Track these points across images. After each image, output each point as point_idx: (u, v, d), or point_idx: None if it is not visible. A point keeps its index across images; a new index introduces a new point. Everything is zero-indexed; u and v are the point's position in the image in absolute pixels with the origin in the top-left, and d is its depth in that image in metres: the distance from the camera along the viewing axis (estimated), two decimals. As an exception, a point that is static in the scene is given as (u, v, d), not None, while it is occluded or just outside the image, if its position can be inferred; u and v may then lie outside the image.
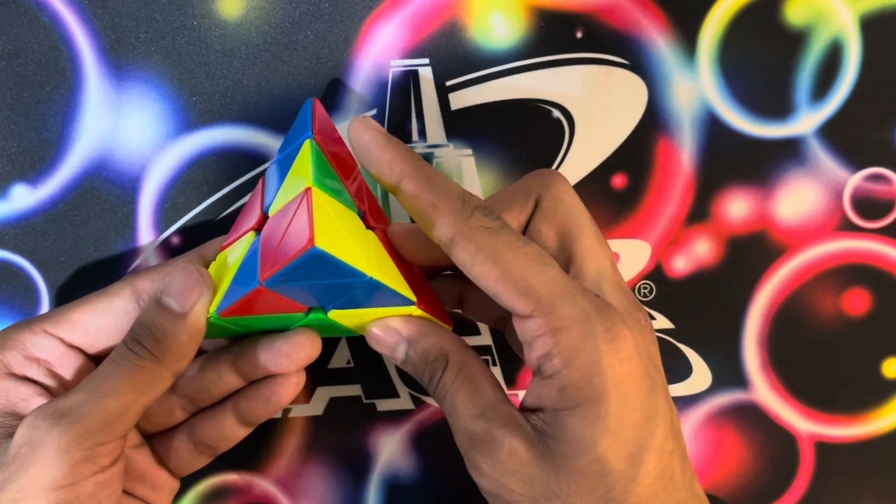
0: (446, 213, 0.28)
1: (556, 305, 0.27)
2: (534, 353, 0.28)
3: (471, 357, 0.30)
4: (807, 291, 0.40)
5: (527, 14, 0.37)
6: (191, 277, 0.29)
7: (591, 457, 0.27)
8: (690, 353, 0.40)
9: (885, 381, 0.41)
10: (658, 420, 0.28)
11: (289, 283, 0.27)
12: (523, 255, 0.28)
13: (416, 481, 0.40)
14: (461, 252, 0.28)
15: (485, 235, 0.28)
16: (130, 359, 0.28)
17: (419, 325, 0.30)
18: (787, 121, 0.39)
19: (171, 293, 0.29)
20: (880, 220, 0.40)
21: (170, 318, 0.29)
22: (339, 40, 0.36)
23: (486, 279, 0.28)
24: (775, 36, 0.38)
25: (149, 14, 0.35)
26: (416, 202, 0.28)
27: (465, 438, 0.29)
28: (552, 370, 0.27)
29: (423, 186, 0.28)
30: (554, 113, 0.38)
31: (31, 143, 0.36)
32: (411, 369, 0.31)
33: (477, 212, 0.28)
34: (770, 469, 0.41)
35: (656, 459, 0.28)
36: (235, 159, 0.37)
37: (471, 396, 0.29)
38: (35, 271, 0.37)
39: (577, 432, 0.27)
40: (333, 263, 0.27)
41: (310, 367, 0.39)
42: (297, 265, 0.26)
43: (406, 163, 0.28)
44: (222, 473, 0.39)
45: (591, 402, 0.27)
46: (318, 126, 0.31)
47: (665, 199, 0.39)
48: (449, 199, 0.28)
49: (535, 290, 0.27)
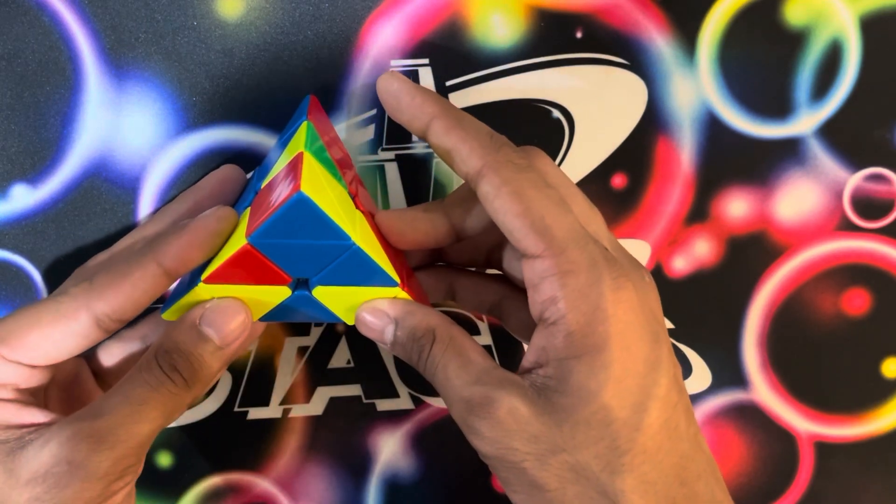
0: (476, 147, 0.29)
1: (567, 248, 0.27)
2: (539, 295, 0.28)
3: (458, 330, 0.30)
4: (807, 291, 0.40)
5: (527, 14, 0.37)
6: (237, 317, 0.29)
7: (596, 405, 0.27)
8: (690, 353, 0.40)
9: (885, 381, 0.41)
10: (662, 371, 0.28)
11: (273, 240, 0.28)
12: (545, 196, 0.28)
13: (416, 481, 0.40)
14: (486, 185, 0.28)
15: (511, 170, 0.28)
16: (167, 385, 0.29)
17: (404, 305, 0.30)
18: (787, 121, 0.39)
19: (213, 325, 0.29)
20: (880, 220, 0.40)
21: (208, 351, 0.29)
22: (339, 40, 0.36)
23: (505, 213, 0.28)
24: (775, 36, 0.38)
25: (149, 14, 0.35)
26: (446, 139, 0.29)
27: (461, 406, 0.29)
28: (556, 315, 0.28)
29: (454, 124, 0.29)
30: (554, 113, 0.38)
31: (31, 143, 0.36)
32: (400, 350, 0.31)
33: (505, 147, 0.29)
34: (770, 469, 0.41)
35: (660, 409, 0.28)
36: (235, 159, 0.37)
37: (463, 366, 0.29)
38: (35, 271, 0.37)
39: (581, 381, 0.27)
40: (318, 216, 0.27)
41: (310, 367, 0.39)
42: (283, 213, 0.27)
43: (436, 105, 0.29)
44: (222, 473, 0.39)
45: (597, 349, 0.27)
46: (314, 116, 0.32)
47: (665, 199, 0.39)
48: (478, 135, 0.29)
49: (551, 231, 0.27)
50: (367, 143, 0.37)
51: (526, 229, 0.28)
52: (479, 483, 0.40)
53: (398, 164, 0.38)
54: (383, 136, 0.37)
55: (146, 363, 0.29)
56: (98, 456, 0.27)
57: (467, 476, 0.40)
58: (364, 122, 0.37)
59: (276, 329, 0.39)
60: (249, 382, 0.39)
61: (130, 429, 0.28)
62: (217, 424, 0.39)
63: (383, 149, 0.37)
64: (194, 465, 0.39)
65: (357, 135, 0.37)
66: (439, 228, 0.32)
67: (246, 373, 0.39)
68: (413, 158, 0.38)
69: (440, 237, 0.32)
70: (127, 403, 0.28)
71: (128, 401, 0.28)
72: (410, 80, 0.30)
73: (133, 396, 0.28)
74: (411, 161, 0.38)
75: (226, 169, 0.34)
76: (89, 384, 0.33)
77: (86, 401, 0.33)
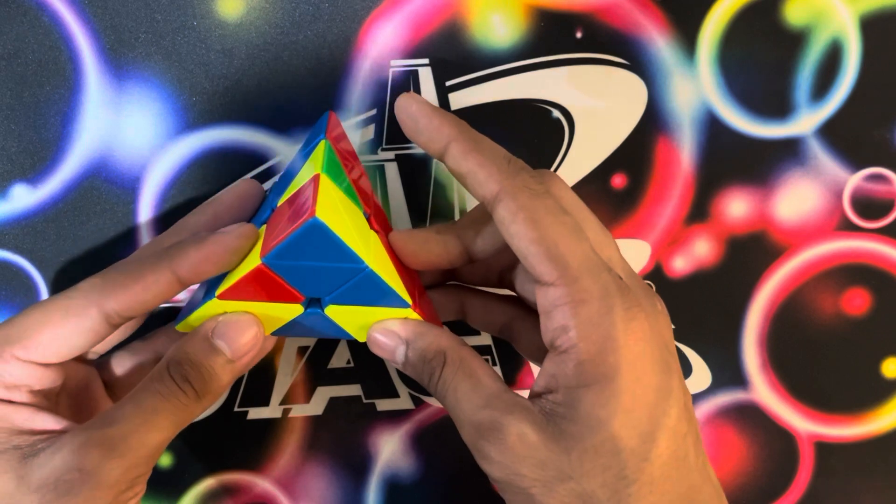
0: (493, 171, 0.29)
1: (581, 277, 0.28)
2: (551, 323, 0.28)
3: (468, 353, 0.30)
4: (807, 291, 0.40)
5: (527, 14, 0.37)
6: (250, 331, 0.30)
7: (605, 435, 0.27)
8: (690, 353, 0.40)
9: (885, 381, 0.41)
10: (672, 401, 0.28)
11: (288, 262, 0.28)
12: (560, 223, 0.28)
13: (416, 481, 0.40)
14: (503, 209, 0.28)
15: (528, 196, 0.28)
16: (178, 396, 0.29)
17: (415, 326, 0.31)
18: (787, 121, 0.39)
19: (225, 338, 0.29)
20: (880, 220, 0.40)
21: (220, 363, 0.29)
22: (339, 40, 0.36)
23: (521, 239, 0.28)
24: (775, 36, 0.38)
25: (149, 14, 0.35)
26: (463, 162, 0.29)
27: (471, 430, 0.29)
28: (568, 344, 0.28)
29: (471, 147, 0.29)
30: (554, 113, 0.38)
31: (31, 143, 0.36)
32: (411, 371, 0.31)
33: (522, 172, 0.29)
34: (770, 469, 0.41)
35: (669, 440, 0.28)
36: (235, 159, 0.37)
37: (473, 389, 0.29)
38: (35, 271, 0.37)
39: (590, 410, 0.27)
40: (332, 241, 0.27)
41: (310, 366, 0.39)
42: (297, 237, 0.27)
43: (453, 127, 0.29)
44: (222, 473, 0.39)
45: (607, 379, 0.27)
46: (332, 134, 0.32)
47: (665, 199, 0.39)
48: (495, 159, 0.29)
49: (565, 258, 0.28)
50: (368, 143, 0.37)
51: (541, 256, 0.28)
52: (478, 483, 0.40)
53: (398, 164, 0.38)
54: (383, 136, 0.37)
55: (158, 373, 0.29)
56: (109, 464, 0.27)
57: (467, 476, 0.40)
58: (364, 122, 0.37)
59: (276, 329, 0.39)
60: (249, 382, 0.39)
61: (142, 438, 0.28)
62: (217, 424, 0.39)
63: (383, 149, 0.37)
64: (194, 465, 0.39)
65: (357, 135, 0.37)
66: (452, 251, 0.32)
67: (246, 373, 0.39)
68: (413, 158, 0.38)
69: (452, 259, 0.32)
70: (139, 412, 0.28)
71: (139, 410, 0.28)
72: (429, 102, 0.30)
73: (145, 406, 0.28)
74: (411, 161, 0.38)
75: (244, 184, 0.34)
76: (99, 394, 0.33)
77: (96, 410, 0.33)
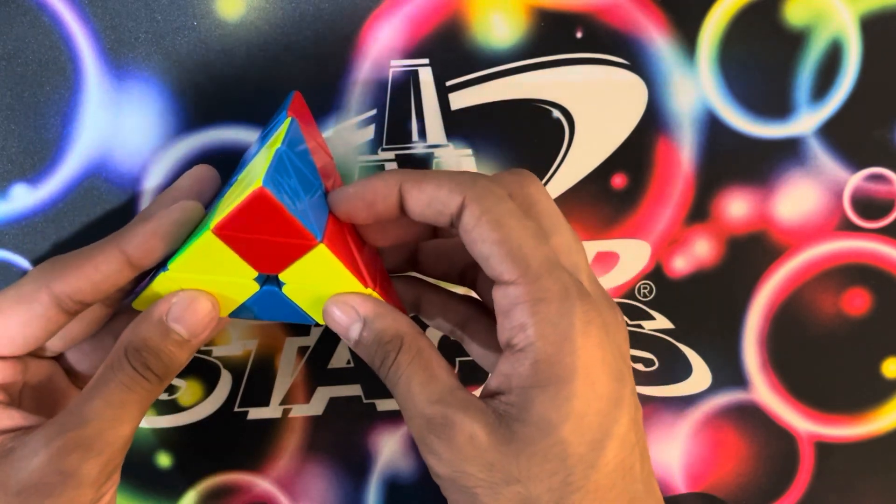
0: (453, 186, 0.28)
1: (542, 276, 0.27)
2: (509, 321, 0.28)
3: (426, 343, 0.30)
4: (807, 291, 0.40)
5: (527, 14, 0.37)
6: (204, 308, 0.29)
7: (555, 439, 0.27)
8: (690, 353, 0.40)
9: (885, 381, 0.41)
10: (623, 410, 0.28)
11: (239, 234, 0.27)
12: (523, 227, 0.28)
13: (416, 481, 0.40)
14: (468, 216, 0.28)
15: (492, 200, 0.28)
16: (142, 384, 0.29)
17: (375, 305, 0.30)
18: (787, 121, 0.39)
19: (180, 321, 0.29)
20: (880, 220, 0.40)
21: (177, 345, 0.29)
22: (339, 40, 0.36)
23: (483, 242, 0.28)
24: (775, 36, 0.38)
25: (149, 14, 0.35)
26: (420, 193, 0.29)
27: (420, 423, 0.28)
28: (525, 342, 0.27)
29: (419, 177, 0.29)
30: (554, 113, 0.38)
31: (31, 143, 0.36)
32: (363, 351, 0.30)
33: (481, 178, 0.29)
34: (770, 469, 0.41)
35: (618, 448, 0.28)
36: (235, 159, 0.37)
37: (427, 381, 0.29)
38: (35, 271, 0.37)
39: (542, 412, 0.27)
40: (279, 212, 0.27)
41: (310, 367, 0.39)
42: (245, 205, 0.26)
43: (394, 174, 0.29)
44: (222, 473, 0.39)
45: (561, 381, 0.27)
46: (297, 113, 0.31)
47: (665, 199, 0.39)
48: (450, 176, 0.29)
49: (526, 259, 0.28)
50: (367, 143, 0.37)
51: (502, 256, 0.28)
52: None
53: (398, 165, 0.38)
54: (383, 136, 0.37)
55: (118, 362, 0.29)
56: (88, 464, 0.27)
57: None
58: (364, 122, 0.37)
59: (276, 329, 0.39)
60: (249, 382, 0.39)
61: (115, 432, 0.28)
62: (217, 424, 0.39)
63: (383, 149, 0.37)
64: (194, 465, 0.39)
65: (357, 135, 0.37)
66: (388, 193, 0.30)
67: (246, 373, 0.39)
68: (413, 158, 0.38)
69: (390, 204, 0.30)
70: (108, 408, 0.28)
71: (108, 405, 0.28)
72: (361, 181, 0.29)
73: (113, 401, 0.28)
74: (411, 161, 0.38)
75: (200, 169, 0.34)
76: (63, 383, 0.33)
77: (61, 400, 0.33)
